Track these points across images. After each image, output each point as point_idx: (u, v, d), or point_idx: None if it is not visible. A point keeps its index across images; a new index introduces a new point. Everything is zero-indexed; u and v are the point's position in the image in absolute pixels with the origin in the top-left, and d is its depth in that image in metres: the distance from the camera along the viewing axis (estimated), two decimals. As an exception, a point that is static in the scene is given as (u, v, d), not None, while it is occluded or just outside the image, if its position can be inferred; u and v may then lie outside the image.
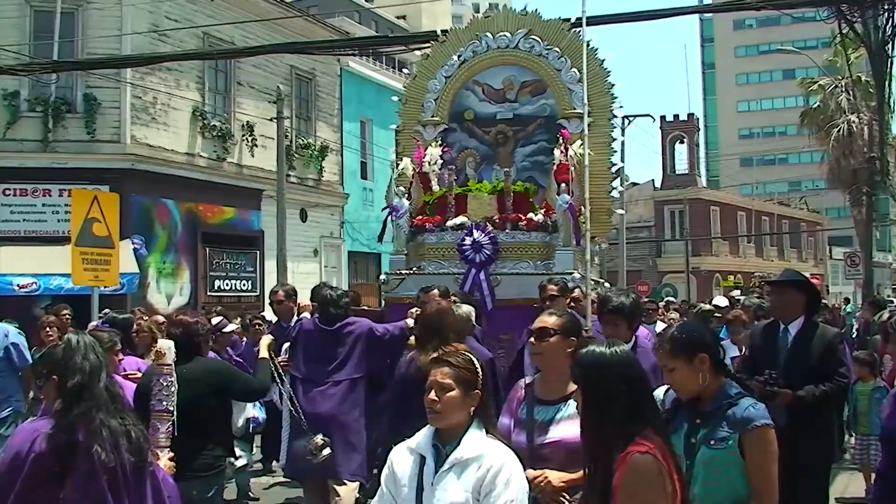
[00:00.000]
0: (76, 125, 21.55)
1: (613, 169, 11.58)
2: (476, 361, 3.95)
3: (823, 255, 67.52)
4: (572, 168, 10.42)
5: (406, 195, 11.18)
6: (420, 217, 11.13)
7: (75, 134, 21.51)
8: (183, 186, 23.23)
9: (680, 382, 4.07)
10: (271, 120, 24.29)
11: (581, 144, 10.36)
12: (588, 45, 11.03)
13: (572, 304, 7.95)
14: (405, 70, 21.24)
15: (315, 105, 29.27)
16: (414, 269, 10.86)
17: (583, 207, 10.24)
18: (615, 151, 11.70)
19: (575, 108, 11.25)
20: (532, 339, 5.04)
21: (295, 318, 9.47)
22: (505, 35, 11.92)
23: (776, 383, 6.34)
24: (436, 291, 8.49)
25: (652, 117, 43.79)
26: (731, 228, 57.01)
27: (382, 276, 11.35)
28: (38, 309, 15.31)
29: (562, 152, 10.62)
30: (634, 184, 55.59)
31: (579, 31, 11.36)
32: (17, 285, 19.22)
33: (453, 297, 8.72)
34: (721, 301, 15.85)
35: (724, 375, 4.09)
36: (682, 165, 57.28)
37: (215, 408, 6.09)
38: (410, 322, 8.08)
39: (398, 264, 11.05)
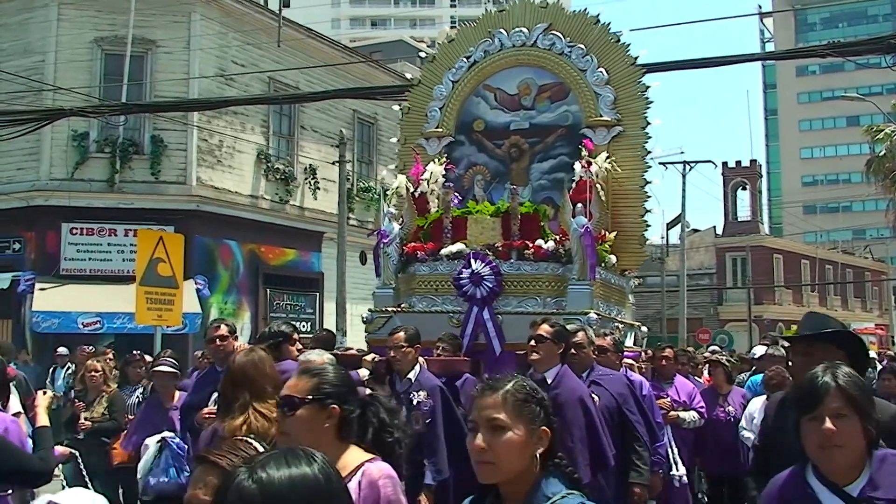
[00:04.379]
0: (143, 166, 21.91)
1: (647, 188, 9.88)
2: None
3: (889, 305, 66.15)
4: (598, 186, 9.02)
5: (398, 218, 9.70)
6: (412, 244, 9.53)
7: (142, 175, 21.87)
8: (246, 228, 23.48)
9: (503, 453, 2.77)
10: (333, 163, 24.52)
11: (608, 158, 9.30)
12: (619, 41, 9.97)
13: (574, 351, 6.67)
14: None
15: (376, 149, 29.50)
16: (402, 305, 9.28)
17: (606, 233, 9.24)
18: (649, 167, 9.94)
19: (602, 116, 9.80)
20: (532, 343, 6.08)
21: None
22: (521, 31, 10.29)
23: None
24: (402, 334, 7.24)
25: (714, 163, 43.45)
26: (793, 277, 56.13)
27: (365, 314, 9.55)
28: (101, 348, 15.54)
29: (583, 167, 9.09)
30: (696, 230, 55.10)
31: (608, 24, 10.16)
32: (82, 323, 19.49)
33: (438, 343, 8.00)
34: (759, 350, 13.41)
35: (553, 466, 2.89)
36: (744, 212, 56.68)
37: None
38: (363, 372, 7.28)
39: (384, 300, 9.43)
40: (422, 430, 6.65)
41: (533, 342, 6.27)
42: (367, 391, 4.00)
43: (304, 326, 25.43)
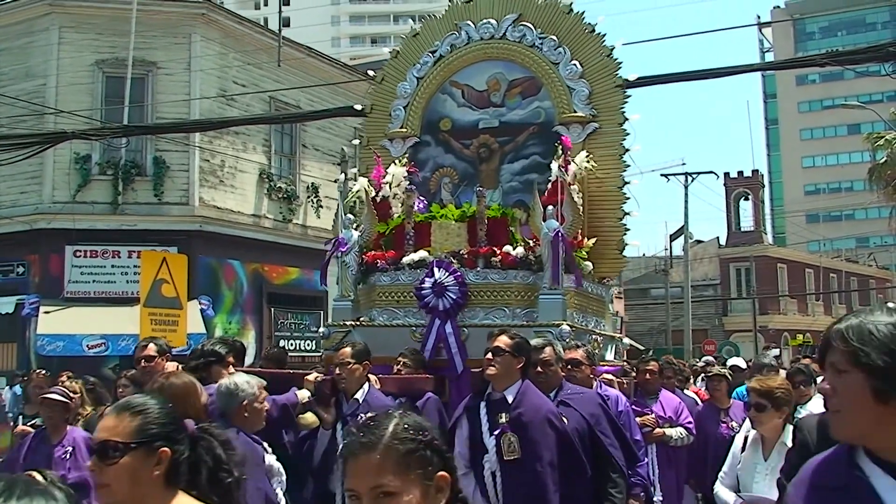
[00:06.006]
0: (145, 188, 21.94)
1: (626, 189, 9.14)
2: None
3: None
4: (573, 187, 8.30)
5: (357, 225, 8.98)
6: (371, 253, 8.79)
7: (144, 196, 21.90)
8: (249, 247, 23.48)
9: None
10: (335, 181, 24.53)
11: (587, 156, 8.69)
12: (593, 31, 9.33)
13: (541, 369, 6.16)
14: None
15: (378, 166, 29.46)
16: (361, 319, 8.56)
17: (584, 239, 8.59)
18: (628, 166, 9.13)
19: (576, 112, 9.06)
20: (489, 356, 5.68)
21: None
22: (489, 23, 9.56)
23: None
24: (348, 350, 6.68)
25: (715, 174, 43.49)
26: (798, 286, 56.08)
27: (322, 329, 8.88)
28: (106, 370, 15.49)
29: (561, 166, 8.34)
30: (699, 241, 55.09)
31: (582, 13, 9.51)
32: (87, 346, 19.49)
33: (399, 359, 7.46)
34: (740, 361, 12.84)
35: None
36: (747, 222, 56.70)
37: None
38: (303, 394, 6.70)
39: (343, 313, 8.69)
40: None
41: (490, 355, 5.77)
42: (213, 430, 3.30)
43: (308, 345, 25.41)
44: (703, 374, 12.75)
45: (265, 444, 5.48)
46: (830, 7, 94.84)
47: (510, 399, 5.66)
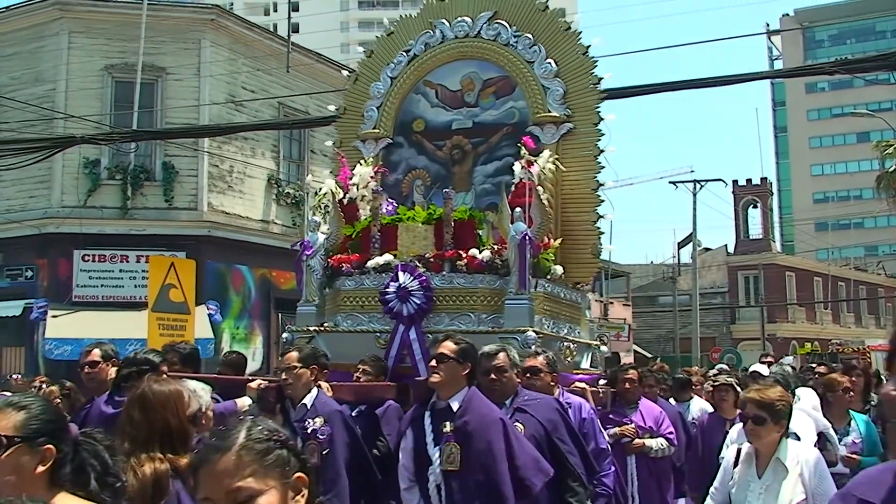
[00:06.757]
0: (154, 193, 21.99)
1: (600, 191, 8.86)
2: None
3: (903, 322, 65.91)
4: (540, 188, 8.03)
5: (322, 227, 8.78)
6: (337, 256, 8.51)
7: (153, 201, 21.95)
8: (257, 253, 23.49)
9: None
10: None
11: (552, 156, 8.39)
12: (569, 28, 9.14)
13: (494, 376, 5.89)
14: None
15: (387, 172, 29.49)
16: (325, 325, 8.31)
17: (550, 240, 8.28)
18: (602, 167, 8.82)
19: (550, 111, 8.80)
20: (433, 363, 5.43)
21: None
22: (464, 21, 9.32)
23: None
24: (294, 354, 6.38)
25: (724, 182, 43.57)
26: (806, 294, 55.94)
27: (285, 335, 8.61)
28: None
29: (524, 167, 8.07)
30: (707, 249, 55.03)
31: (557, 11, 9.38)
32: (95, 350, 19.46)
33: (360, 365, 7.24)
34: (761, 369, 12.39)
35: None
36: (755, 230, 56.63)
37: None
38: (244, 402, 6.51)
39: (307, 318, 8.42)
40: (318, 463, 5.84)
41: (434, 362, 5.50)
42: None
43: (316, 350, 25.33)
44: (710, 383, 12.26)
45: None
46: (840, 15, 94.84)
47: (455, 407, 5.41)
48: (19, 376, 13.12)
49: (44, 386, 9.67)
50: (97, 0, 22.56)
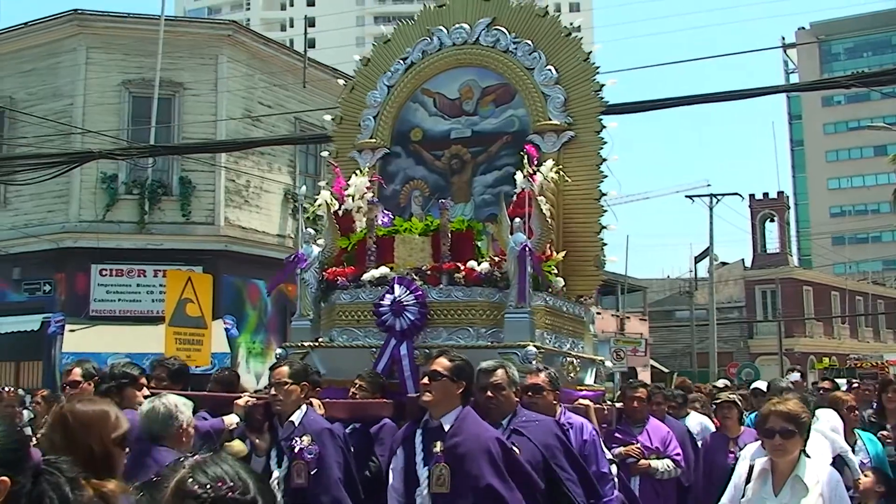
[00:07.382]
0: (172, 208, 22.07)
1: (603, 200, 8.51)
2: None
3: (921, 337, 65.48)
4: (541, 198, 7.74)
5: (317, 239, 8.48)
6: (331, 269, 8.15)
7: (171, 216, 22.02)
8: (273, 267, 23.37)
9: None
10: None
11: (553, 165, 8.12)
12: (570, 35, 8.80)
13: (491, 393, 5.67)
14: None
15: (402, 186, 29.51)
16: (320, 340, 8.00)
17: (553, 252, 8.02)
18: (605, 176, 8.48)
19: (551, 119, 8.50)
20: (425, 380, 5.27)
21: None
22: (462, 28, 9.02)
23: None
24: (285, 369, 6.21)
25: (741, 196, 43.40)
26: (824, 309, 55.68)
27: (279, 351, 8.37)
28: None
29: (526, 176, 7.74)
30: (724, 263, 54.84)
31: (557, 16, 9.11)
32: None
33: (356, 381, 6.98)
34: (763, 385, 12.39)
35: None
36: (772, 244, 56.46)
37: None
38: (231, 419, 6.30)
39: (302, 333, 8.13)
40: (304, 485, 5.68)
41: (426, 380, 5.31)
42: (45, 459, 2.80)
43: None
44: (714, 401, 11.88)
45: None
46: (856, 28, 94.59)
47: (447, 427, 5.22)
48: (10, 388, 12.84)
49: (41, 400, 9.53)
50: (115, 16, 22.73)
